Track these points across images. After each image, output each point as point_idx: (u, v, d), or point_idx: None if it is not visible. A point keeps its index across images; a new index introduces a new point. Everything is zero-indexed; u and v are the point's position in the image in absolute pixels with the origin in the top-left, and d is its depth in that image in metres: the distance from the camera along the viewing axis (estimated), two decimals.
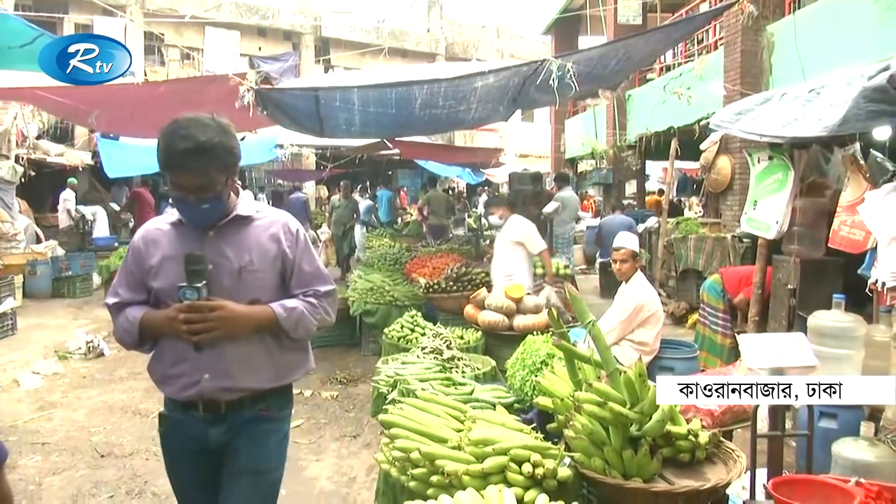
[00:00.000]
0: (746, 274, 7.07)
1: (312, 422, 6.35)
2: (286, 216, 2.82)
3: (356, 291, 8.81)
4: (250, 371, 2.67)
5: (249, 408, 2.72)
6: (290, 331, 2.69)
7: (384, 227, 17.85)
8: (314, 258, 2.85)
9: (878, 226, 4.39)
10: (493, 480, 3.04)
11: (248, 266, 2.64)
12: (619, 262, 5.48)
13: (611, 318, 5.34)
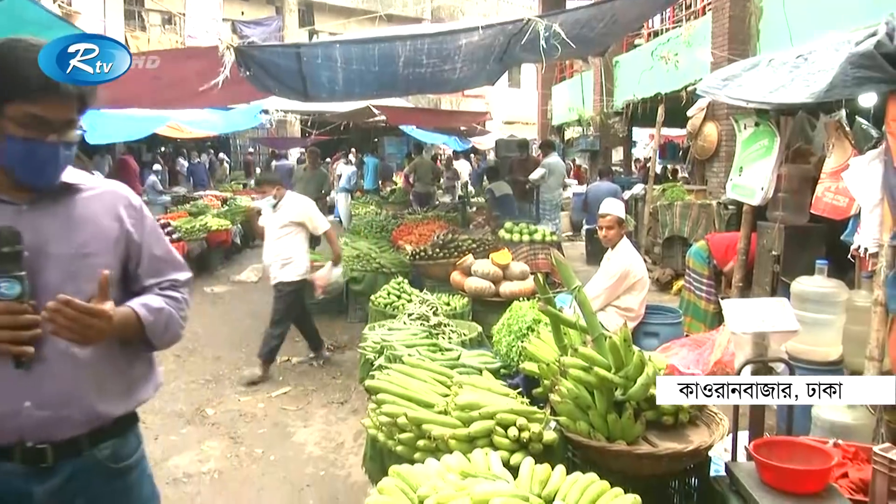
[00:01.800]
0: (734, 240, 7.11)
1: (300, 388, 6.38)
2: (123, 187, 2.19)
3: (343, 259, 8.78)
4: (93, 393, 1.96)
5: (89, 451, 1.99)
6: (157, 339, 2.06)
7: (370, 195, 17.81)
8: (164, 239, 2.26)
9: (861, 192, 4.42)
10: (480, 444, 3.08)
11: (81, 250, 1.96)
12: (605, 229, 5.49)
13: (596, 284, 5.37)
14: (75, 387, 1.92)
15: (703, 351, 4.48)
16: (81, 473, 1.97)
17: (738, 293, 6.46)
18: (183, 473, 4.69)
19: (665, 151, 17.97)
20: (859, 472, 3.26)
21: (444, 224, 10.87)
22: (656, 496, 3.28)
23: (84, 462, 1.97)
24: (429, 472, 2.79)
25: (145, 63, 6.02)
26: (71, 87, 1.93)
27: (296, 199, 7.05)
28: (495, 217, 11.37)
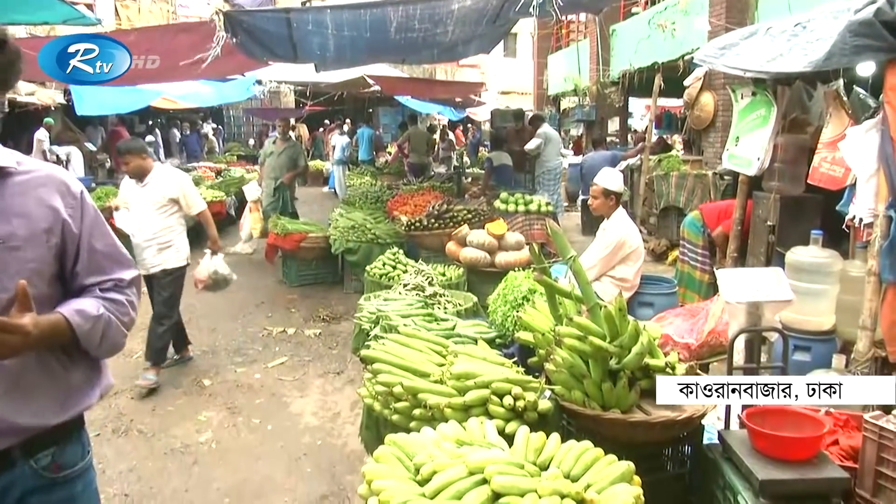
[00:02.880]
0: (725, 207, 7.11)
1: (296, 359, 6.41)
2: (61, 171, 1.94)
3: (338, 230, 8.79)
4: (22, 403, 1.77)
5: (23, 463, 1.81)
6: (92, 348, 1.86)
7: (365, 166, 17.73)
8: (108, 231, 2.00)
9: (857, 162, 4.41)
10: (475, 413, 3.11)
11: (9, 241, 1.74)
12: (591, 198, 5.52)
13: (592, 254, 5.37)
14: None
15: (697, 320, 4.50)
16: (17, 485, 1.79)
17: (733, 263, 6.48)
18: (181, 444, 4.73)
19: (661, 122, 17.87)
20: (850, 440, 3.31)
21: (439, 194, 10.86)
22: (650, 463, 3.32)
23: (18, 473, 1.79)
24: (424, 441, 2.82)
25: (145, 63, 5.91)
26: None
27: (167, 172, 5.98)
28: (491, 187, 11.35)
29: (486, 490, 2.37)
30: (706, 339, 4.30)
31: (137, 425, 4.98)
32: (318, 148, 24.34)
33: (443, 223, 8.35)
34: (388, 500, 2.37)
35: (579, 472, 2.62)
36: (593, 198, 5.45)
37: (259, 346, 6.78)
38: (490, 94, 24.20)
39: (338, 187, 16.64)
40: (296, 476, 4.32)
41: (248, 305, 8.19)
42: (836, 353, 4.18)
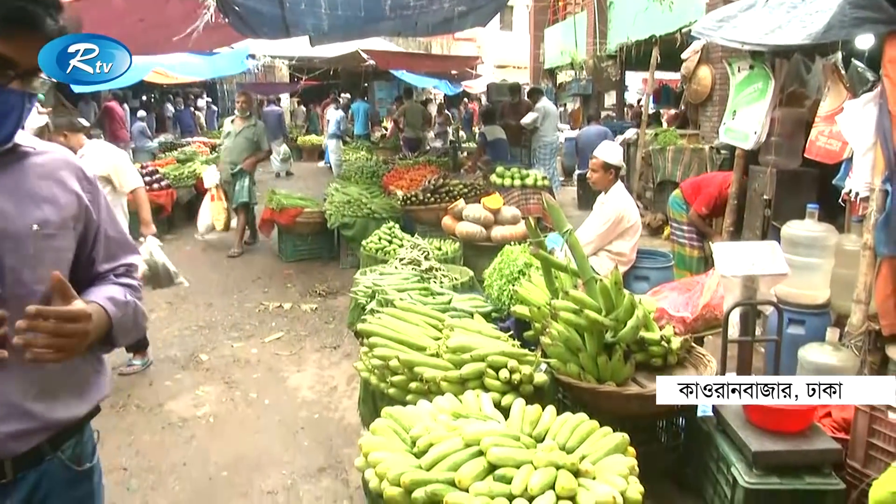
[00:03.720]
0: (699, 182, 7.14)
1: (293, 334, 6.43)
2: (72, 154, 1.84)
3: (333, 205, 8.77)
4: (53, 398, 1.70)
5: (52, 456, 1.75)
6: (122, 336, 1.78)
7: (360, 140, 17.66)
8: (115, 217, 1.92)
9: (854, 136, 4.40)
10: (471, 386, 3.13)
11: (44, 227, 1.63)
12: (590, 171, 5.47)
13: (589, 228, 5.35)
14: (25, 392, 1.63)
15: (692, 294, 4.51)
16: (44, 481, 1.73)
17: (728, 237, 6.49)
18: (178, 418, 4.75)
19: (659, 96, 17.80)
20: (842, 412, 3.35)
21: (435, 169, 10.83)
22: (645, 435, 3.36)
23: (46, 468, 1.73)
24: (421, 414, 2.84)
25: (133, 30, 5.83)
26: (51, 24, 1.58)
27: (98, 149, 5.49)
28: (487, 162, 11.32)
29: (482, 462, 2.39)
30: (701, 312, 4.31)
31: (135, 400, 5.00)
32: (314, 123, 24.20)
33: (439, 198, 8.35)
34: (384, 472, 2.40)
35: (574, 443, 2.64)
36: (592, 171, 5.42)
37: (255, 321, 6.79)
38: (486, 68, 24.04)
39: (333, 162, 16.56)
40: (293, 449, 4.35)
41: (244, 281, 8.19)
42: (830, 327, 4.19)
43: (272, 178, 17.19)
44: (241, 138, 9.30)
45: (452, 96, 25.43)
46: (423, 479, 2.33)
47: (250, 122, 9.41)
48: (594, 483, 2.37)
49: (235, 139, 9.31)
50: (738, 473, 3.02)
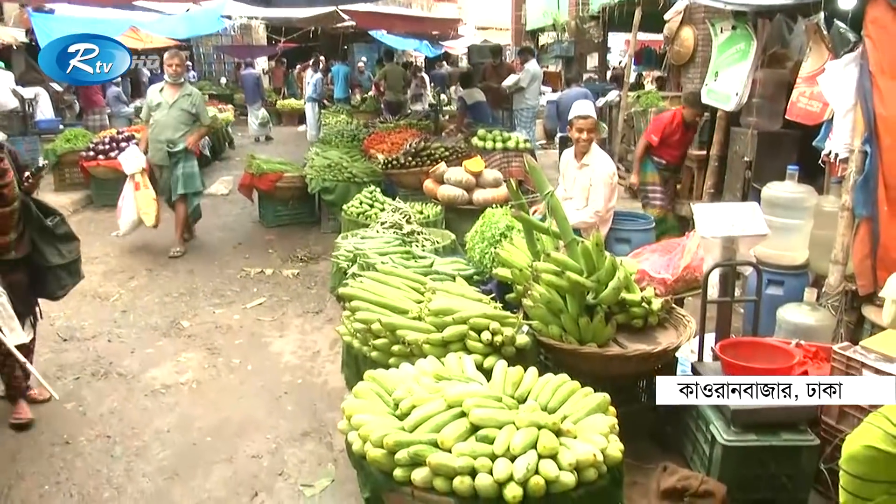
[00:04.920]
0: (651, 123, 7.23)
1: (275, 299, 6.41)
2: None
3: (314, 169, 8.70)
4: None
5: None
6: None
7: (340, 104, 17.47)
8: None
9: (835, 97, 4.41)
10: (453, 348, 3.16)
11: None
12: (587, 132, 5.17)
13: (599, 200, 5.15)
14: None
15: (673, 256, 4.56)
16: None
17: (709, 199, 6.53)
18: (161, 385, 4.74)
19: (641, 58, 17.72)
20: (819, 370, 3.42)
21: (416, 132, 10.75)
22: (625, 395, 3.41)
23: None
24: (403, 376, 2.87)
25: None
26: None
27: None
28: (468, 125, 11.25)
29: (464, 423, 2.42)
30: (682, 273, 4.36)
31: (117, 368, 4.98)
32: (292, 86, 23.91)
33: (420, 161, 8.30)
34: (367, 434, 2.42)
35: (556, 404, 2.69)
36: (587, 131, 5.16)
37: (237, 287, 6.76)
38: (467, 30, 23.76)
39: (310, 126, 16.39)
40: (277, 414, 4.37)
41: (225, 247, 8.14)
42: (808, 287, 4.26)
43: (251, 142, 17.02)
44: (175, 111, 7.54)
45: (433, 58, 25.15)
46: (405, 440, 2.36)
47: (185, 91, 7.66)
48: (575, 442, 2.41)
49: (169, 112, 7.52)
50: (716, 431, 3.08)
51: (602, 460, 2.34)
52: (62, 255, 4.24)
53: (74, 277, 4.42)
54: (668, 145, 6.99)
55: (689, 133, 7.23)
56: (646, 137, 6.94)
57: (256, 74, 18.52)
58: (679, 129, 6.99)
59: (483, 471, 2.26)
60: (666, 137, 6.91)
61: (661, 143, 6.92)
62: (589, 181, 5.25)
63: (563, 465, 2.28)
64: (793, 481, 3.07)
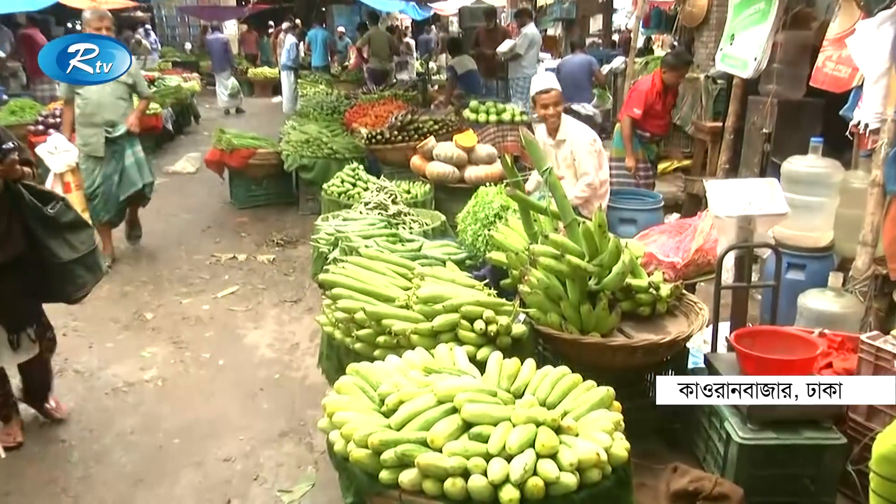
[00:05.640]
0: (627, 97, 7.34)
1: (249, 287, 6.42)
2: None
3: (290, 144, 8.69)
4: None
5: None
6: None
7: (319, 73, 17.39)
8: None
9: (866, 60, 4.36)
10: (444, 339, 3.16)
11: None
12: (553, 106, 5.29)
13: (587, 168, 5.22)
14: None
15: (683, 237, 4.57)
16: None
17: (723, 175, 6.53)
18: (123, 383, 4.74)
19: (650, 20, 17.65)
20: (844, 362, 3.43)
21: (402, 104, 10.74)
22: (632, 389, 3.43)
23: None
24: (390, 370, 2.88)
25: None
26: None
27: None
28: (459, 96, 11.22)
29: (456, 419, 2.43)
30: (693, 257, 4.37)
31: (74, 364, 4.98)
32: (266, 53, 23.77)
33: (407, 135, 8.29)
34: (350, 433, 2.43)
35: (556, 398, 2.70)
36: (553, 105, 5.29)
37: (206, 274, 6.76)
38: None
39: (285, 97, 16.30)
40: (251, 413, 4.38)
41: (193, 230, 8.13)
42: (832, 271, 4.26)
43: (220, 115, 16.93)
44: (110, 84, 6.24)
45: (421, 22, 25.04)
46: (392, 439, 2.37)
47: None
48: (577, 440, 2.43)
49: (103, 86, 6.34)
50: (731, 429, 3.10)
51: (606, 460, 2.36)
52: (74, 247, 3.83)
53: (95, 273, 4.02)
54: (651, 115, 7.05)
55: (670, 97, 7.33)
56: (627, 113, 6.95)
57: (224, 39, 18.39)
58: (659, 96, 7.06)
59: (476, 472, 2.27)
60: (649, 108, 6.94)
61: (644, 114, 6.97)
62: (571, 155, 5.32)
63: (563, 465, 2.29)
64: (816, 484, 3.09)
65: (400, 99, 11.68)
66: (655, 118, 7.13)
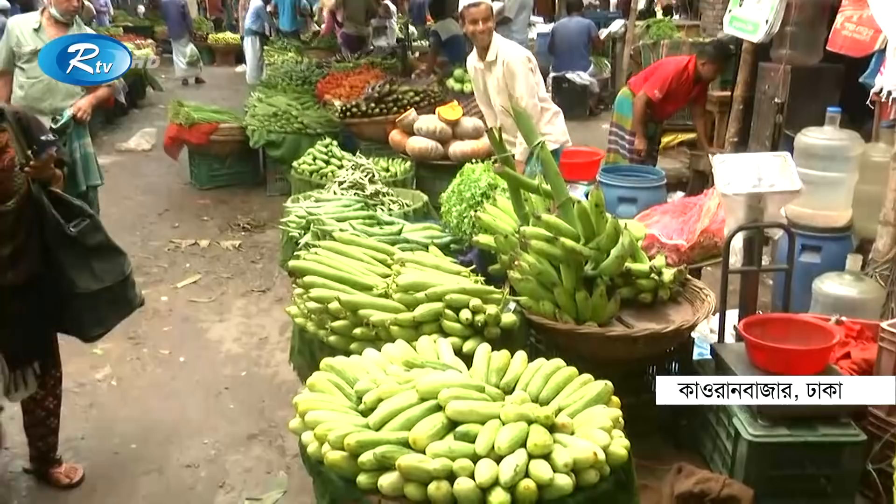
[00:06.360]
0: (649, 69, 7.23)
1: (212, 276, 6.41)
2: None
3: (256, 119, 8.65)
4: None
5: None
6: None
7: (287, 38, 17.26)
8: None
9: (890, 20, 4.35)
10: (427, 330, 3.18)
11: None
12: (482, 21, 5.27)
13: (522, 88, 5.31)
14: None
15: (688, 218, 4.59)
16: None
17: (731, 149, 6.55)
18: (73, 383, 4.70)
19: None
20: (863, 352, 3.46)
21: (379, 73, 10.69)
22: (632, 383, 3.46)
23: None
24: (367, 364, 2.89)
25: None
26: None
27: None
28: (443, 63, 11.20)
29: (440, 418, 2.44)
30: (698, 239, 4.39)
31: None
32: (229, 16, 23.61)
33: (385, 108, 8.27)
34: (325, 433, 2.44)
35: (549, 394, 2.72)
36: (483, 21, 5.28)
37: (165, 262, 6.74)
38: None
39: (250, 66, 16.17)
40: (216, 414, 4.38)
41: (149, 214, 8.09)
42: (851, 253, 4.29)
43: (178, 86, 16.80)
44: None
45: None
46: (371, 440, 2.37)
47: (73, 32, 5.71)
48: (572, 439, 2.44)
49: None
50: (740, 425, 3.12)
51: (604, 460, 2.37)
52: (96, 276, 3.44)
53: (119, 308, 3.66)
54: (668, 101, 7.00)
55: (699, 90, 7.23)
56: (646, 91, 6.89)
57: (182, 2, 18.21)
58: (687, 84, 6.97)
59: (463, 474, 2.28)
60: (670, 94, 6.89)
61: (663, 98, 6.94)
62: (503, 76, 5.38)
63: (558, 466, 2.31)
64: (833, 484, 3.12)
65: (377, 67, 11.62)
66: (670, 106, 7.12)
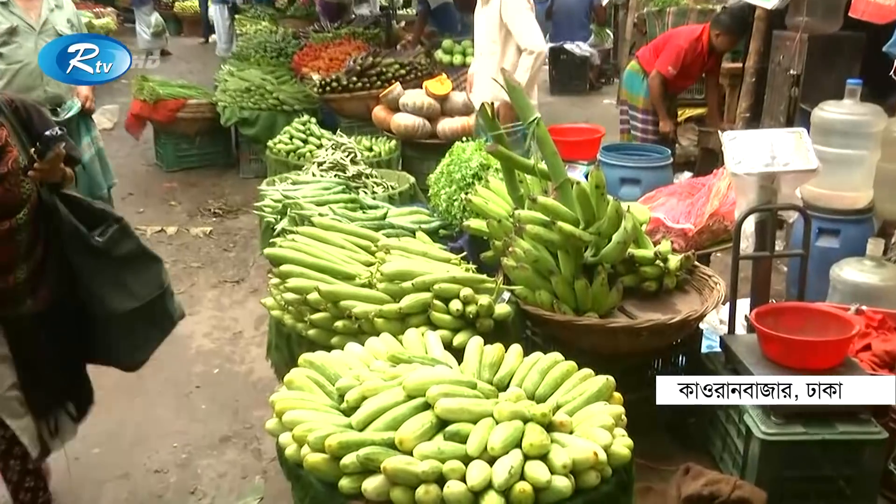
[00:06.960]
0: (658, 41, 7.24)
1: (181, 266, 6.40)
2: None
3: (228, 94, 8.62)
4: None
5: None
6: None
7: (261, 7, 17.19)
8: None
9: None
10: (414, 322, 3.18)
11: None
12: None
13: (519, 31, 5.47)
14: None
15: (696, 200, 4.59)
16: None
17: (743, 125, 6.55)
18: None
19: None
20: (885, 343, 3.47)
21: (361, 44, 10.67)
22: (635, 378, 3.46)
23: None
24: (350, 360, 2.89)
25: None
26: None
27: None
28: (430, 34, 11.17)
29: (428, 417, 2.45)
30: (707, 222, 4.39)
31: None
32: None
33: (368, 82, 8.27)
34: (304, 434, 2.44)
35: (546, 390, 2.72)
36: None
37: None
38: None
39: (219, 37, 16.09)
40: (187, 415, 4.39)
41: (114, 201, 8.06)
42: (872, 237, 4.29)
43: (141, 59, 16.69)
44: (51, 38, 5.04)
45: None
46: (354, 441, 2.38)
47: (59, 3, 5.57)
48: (571, 438, 2.45)
49: (40, 41, 5.20)
50: (752, 423, 3.13)
51: (605, 460, 2.38)
52: (132, 293, 3.21)
53: (162, 326, 3.48)
54: (681, 76, 7.01)
55: (713, 61, 7.25)
56: (659, 69, 6.89)
57: None
58: (702, 57, 6.99)
59: (453, 477, 2.28)
60: (684, 69, 6.90)
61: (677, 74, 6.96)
62: (499, 17, 5.54)
63: (555, 467, 2.31)
64: (852, 485, 3.13)
65: (359, 38, 11.57)
66: (683, 80, 7.13)
